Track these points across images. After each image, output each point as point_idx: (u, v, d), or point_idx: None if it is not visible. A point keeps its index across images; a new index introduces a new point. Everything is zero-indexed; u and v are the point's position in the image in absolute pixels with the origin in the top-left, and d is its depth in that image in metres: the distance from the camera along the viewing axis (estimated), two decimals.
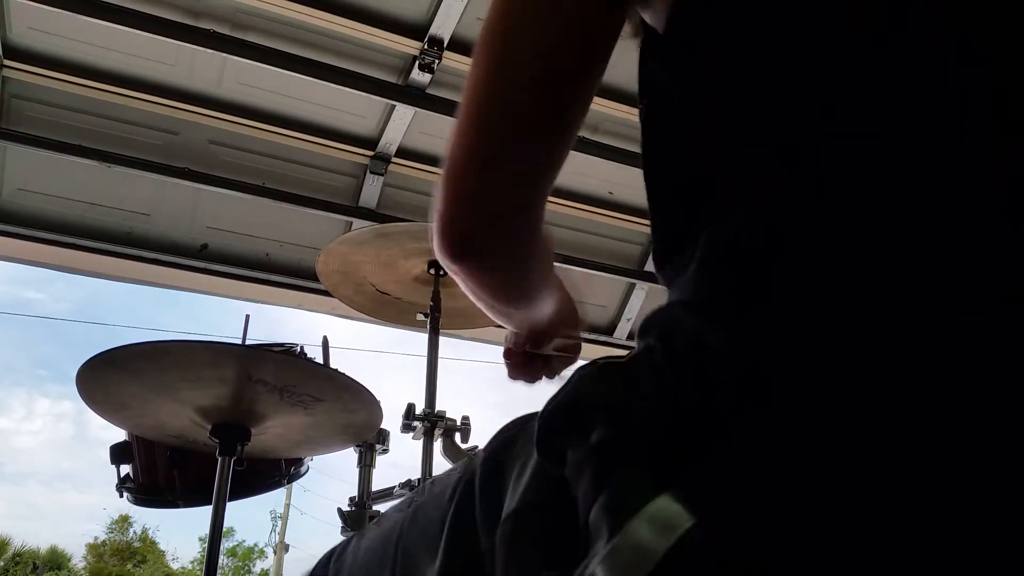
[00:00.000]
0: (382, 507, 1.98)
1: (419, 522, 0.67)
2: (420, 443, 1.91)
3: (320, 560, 0.82)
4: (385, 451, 2.02)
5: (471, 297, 0.69)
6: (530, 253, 0.66)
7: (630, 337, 3.47)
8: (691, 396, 0.46)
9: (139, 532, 26.93)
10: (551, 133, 0.58)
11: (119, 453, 1.94)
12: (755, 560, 0.40)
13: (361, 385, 1.61)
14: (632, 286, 3.47)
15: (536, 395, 0.90)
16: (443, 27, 2.70)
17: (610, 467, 0.45)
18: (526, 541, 0.51)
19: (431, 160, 3.05)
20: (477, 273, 0.64)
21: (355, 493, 1.98)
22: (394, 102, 2.88)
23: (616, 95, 2.69)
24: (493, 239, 0.61)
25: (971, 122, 0.46)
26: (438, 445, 1.92)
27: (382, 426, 1.89)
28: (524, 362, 0.91)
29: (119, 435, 1.95)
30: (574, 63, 0.58)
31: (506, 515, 0.54)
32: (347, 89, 2.80)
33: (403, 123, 2.93)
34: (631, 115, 2.40)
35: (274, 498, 24.73)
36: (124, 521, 26.62)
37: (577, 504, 0.47)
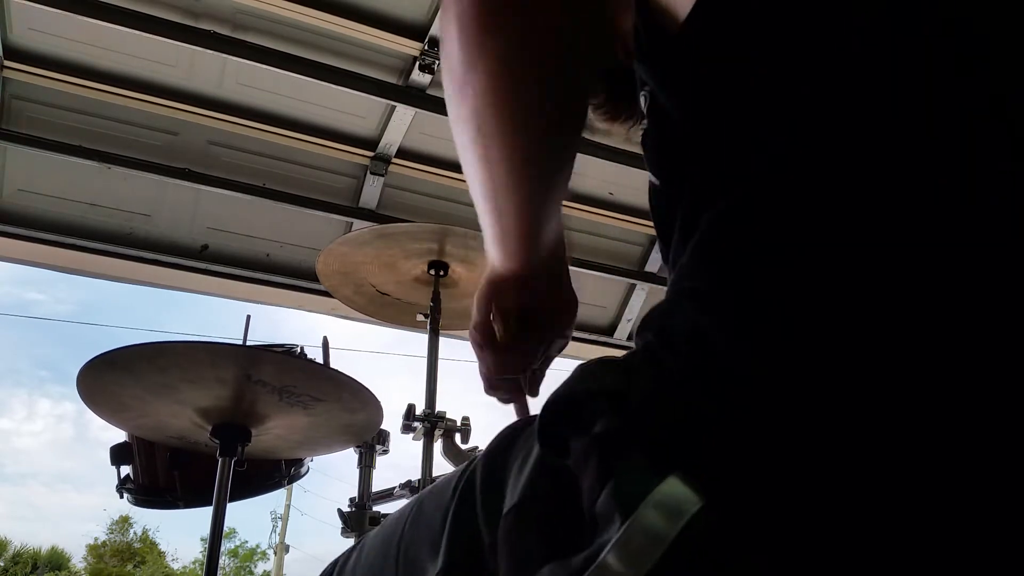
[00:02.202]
0: (382, 508, 1.98)
1: (421, 520, 0.67)
2: (420, 444, 1.90)
3: (324, 571, 0.81)
4: (385, 452, 2.02)
5: (472, 119, 0.59)
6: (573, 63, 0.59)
7: (630, 338, 3.47)
8: (691, 383, 0.46)
9: (139, 533, 26.99)
10: None
11: (119, 454, 1.94)
12: (762, 541, 0.40)
13: (361, 384, 1.61)
14: (632, 287, 3.47)
15: (537, 398, 0.89)
16: None
17: (615, 455, 0.45)
18: (528, 533, 0.51)
19: (431, 161, 3.05)
20: (506, 49, 0.56)
21: (355, 494, 1.98)
22: (394, 103, 2.88)
23: None
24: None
25: (960, 120, 0.47)
26: (438, 446, 1.92)
27: (382, 427, 1.89)
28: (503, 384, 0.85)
29: (119, 436, 1.95)
30: None
31: (507, 509, 0.54)
32: (347, 90, 2.80)
33: (403, 124, 2.93)
34: None
35: (274, 499, 24.77)
36: (124, 522, 26.67)
37: (580, 494, 0.47)
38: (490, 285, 0.79)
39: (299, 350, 1.82)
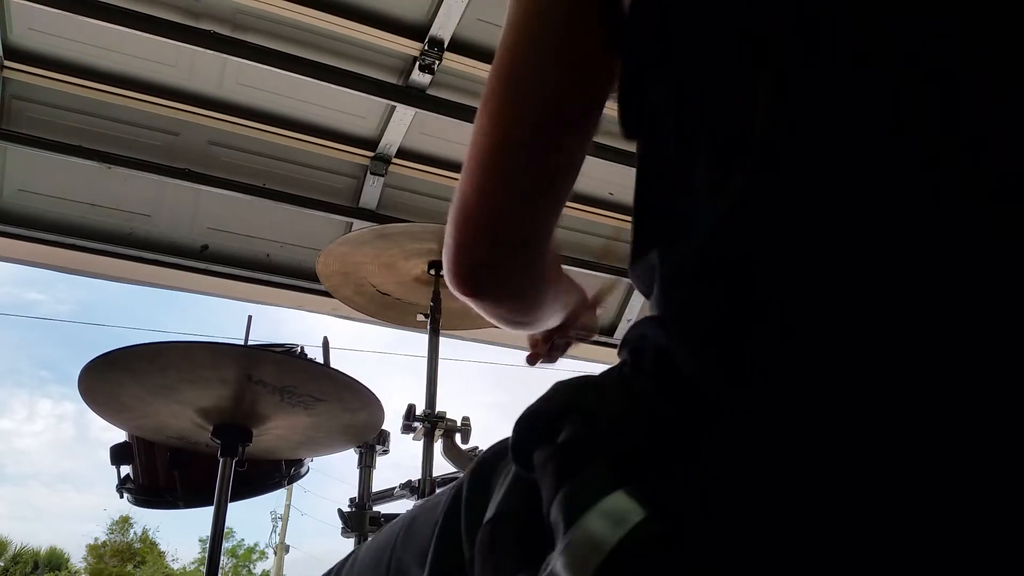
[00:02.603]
0: (382, 508, 1.98)
1: (413, 533, 0.69)
2: (420, 444, 1.91)
3: None
4: (385, 452, 2.02)
5: (487, 318, 0.72)
6: (540, 277, 0.68)
7: None
8: (653, 404, 0.48)
9: (139, 533, 26.97)
10: (553, 177, 0.62)
11: (119, 454, 1.94)
12: (706, 553, 0.41)
13: (361, 384, 1.61)
14: (632, 287, 3.47)
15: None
16: (443, 28, 2.71)
17: (570, 465, 0.47)
18: (501, 546, 0.53)
19: (431, 161, 3.06)
20: (491, 305, 0.68)
21: (355, 494, 1.98)
22: (394, 103, 2.88)
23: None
24: (503, 272, 0.64)
25: (959, 119, 0.46)
26: (438, 446, 1.92)
27: (383, 427, 1.89)
28: (545, 349, 1.01)
29: (120, 436, 1.95)
30: (576, 104, 0.61)
31: (484, 522, 0.55)
32: (347, 90, 2.80)
33: (403, 124, 2.94)
34: None
35: (275, 499, 24.75)
36: (124, 522, 26.64)
37: (543, 503, 0.48)
38: None
39: (299, 350, 1.82)
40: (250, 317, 1.78)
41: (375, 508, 1.96)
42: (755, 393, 0.44)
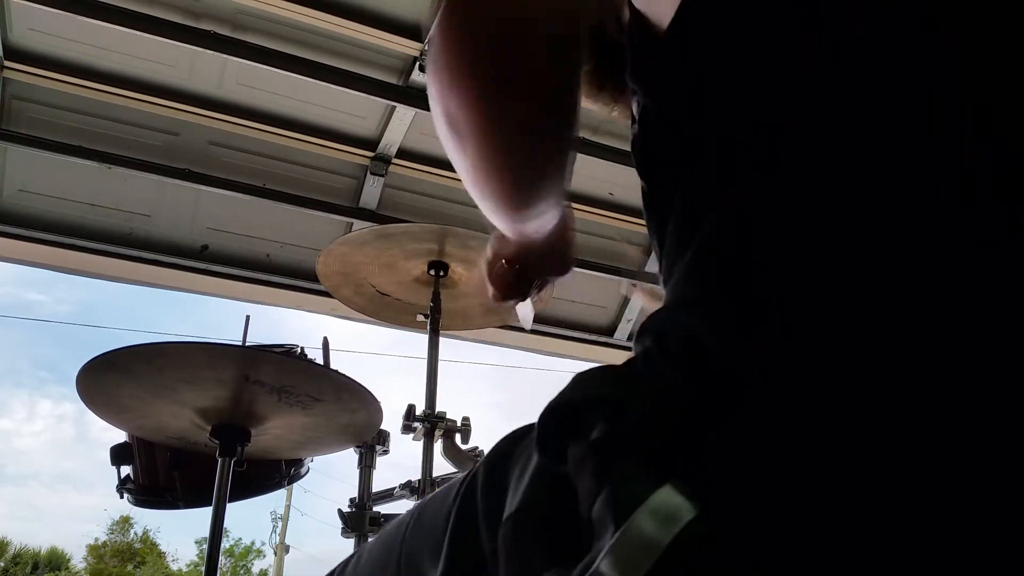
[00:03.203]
0: (382, 508, 1.98)
1: (422, 526, 0.67)
2: (420, 444, 1.91)
3: None
4: (385, 452, 2.02)
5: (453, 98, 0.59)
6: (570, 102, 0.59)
7: (630, 338, 3.46)
8: (688, 392, 0.46)
9: (139, 533, 26.98)
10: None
11: (119, 454, 1.94)
12: (755, 551, 0.40)
13: (359, 384, 1.61)
14: (633, 287, 3.47)
15: (538, 398, 0.90)
16: None
17: (611, 462, 0.45)
18: (528, 539, 0.51)
19: (431, 161, 3.05)
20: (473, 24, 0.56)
21: (355, 494, 1.98)
22: (394, 103, 2.88)
23: None
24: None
25: (942, 120, 0.47)
26: (438, 446, 1.92)
27: (382, 427, 1.89)
28: (508, 280, 0.90)
29: (120, 436, 1.95)
30: None
31: (507, 515, 0.54)
32: (347, 90, 2.80)
33: (403, 124, 2.93)
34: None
35: (275, 499, 24.75)
36: (124, 522, 26.65)
37: (578, 500, 0.47)
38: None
39: (299, 350, 1.82)
40: (248, 317, 1.78)
41: (375, 508, 1.96)
42: (790, 381, 0.43)
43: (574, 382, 0.52)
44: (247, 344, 1.72)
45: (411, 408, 1.91)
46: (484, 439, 1.98)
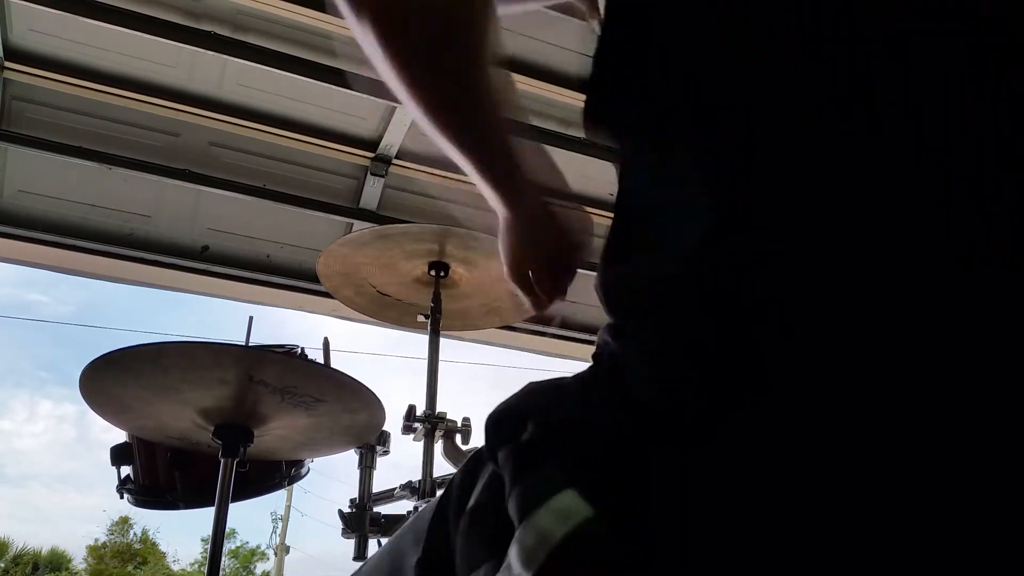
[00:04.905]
0: (383, 509, 1.98)
1: (413, 524, 0.71)
2: (421, 445, 1.90)
3: None
4: (386, 453, 2.02)
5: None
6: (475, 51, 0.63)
7: None
8: (607, 409, 0.50)
9: (140, 534, 26.97)
10: None
11: (119, 455, 1.94)
12: (641, 549, 0.43)
13: (361, 384, 1.61)
14: None
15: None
16: None
17: (527, 464, 0.50)
18: (475, 534, 0.56)
19: (432, 161, 3.05)
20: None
21: (356, 495, 1.98)
22: (395, 103, 2.87)
23: None
24: None
25: (953, 122, 0.46)
26: (439, 447, 1.92)
27: (383, 428, 1.89)
28: (546, 284, 0.89)
29: (120, 437, 1.95)
30: None
31: (466, 511, 0.59)
32: (348, 91, 2.80)
33: (404, 125, 2.93)
34: None
35: (275, 500, 24.75)
36: (125, 523, 26.65)
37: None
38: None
39: (300, 351, 1.82)
40: (251, 318, 1.78)
41: (375, 509, 1.96)
42: (710, 407, 0.45)
43: (522, 391, 0.57)
44: (249, 344, 1.72)
45: (411, 409, 1.91)
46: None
